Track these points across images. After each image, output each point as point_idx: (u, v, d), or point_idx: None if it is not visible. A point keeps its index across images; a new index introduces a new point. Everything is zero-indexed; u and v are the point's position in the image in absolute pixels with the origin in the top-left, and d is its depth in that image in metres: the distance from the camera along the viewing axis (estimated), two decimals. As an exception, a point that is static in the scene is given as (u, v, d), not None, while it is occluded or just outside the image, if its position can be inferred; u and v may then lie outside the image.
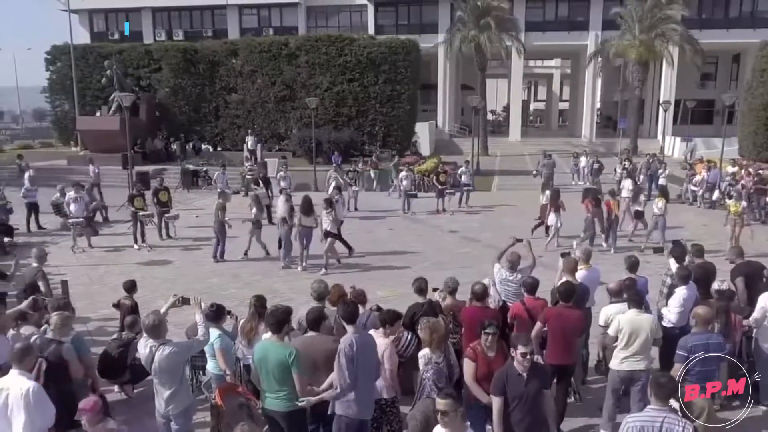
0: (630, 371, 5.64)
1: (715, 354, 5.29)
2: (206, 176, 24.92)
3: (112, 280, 11.31)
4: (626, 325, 5.59)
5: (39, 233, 15.88)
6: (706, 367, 5.25)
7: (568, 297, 5.62)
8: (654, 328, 5.65)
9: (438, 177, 18.98)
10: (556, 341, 5.55)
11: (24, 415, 4.23)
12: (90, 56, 30.66)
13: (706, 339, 5.36)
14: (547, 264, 9.76)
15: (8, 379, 4.36)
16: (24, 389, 4.24)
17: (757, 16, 40.95)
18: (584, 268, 6.73)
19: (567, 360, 5.67)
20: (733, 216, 12.76)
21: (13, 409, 4.26)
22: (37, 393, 4.30)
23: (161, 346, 4.62)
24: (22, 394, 4.24)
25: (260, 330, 5.82)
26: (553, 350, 5.59)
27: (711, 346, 5.31)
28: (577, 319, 5.69)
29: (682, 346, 5.37)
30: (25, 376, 4.36)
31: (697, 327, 5.46)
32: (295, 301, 9.10)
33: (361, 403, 4.77)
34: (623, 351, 5.62)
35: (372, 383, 4.97)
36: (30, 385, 4.28)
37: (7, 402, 4.27)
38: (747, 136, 27.95)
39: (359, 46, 28.06)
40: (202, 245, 14.48)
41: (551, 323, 5.54)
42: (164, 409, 4.76)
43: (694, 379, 5.13)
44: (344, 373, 4.57)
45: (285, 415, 4.87)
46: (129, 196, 14.52)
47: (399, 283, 10.89)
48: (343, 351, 4.60)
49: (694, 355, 5.22)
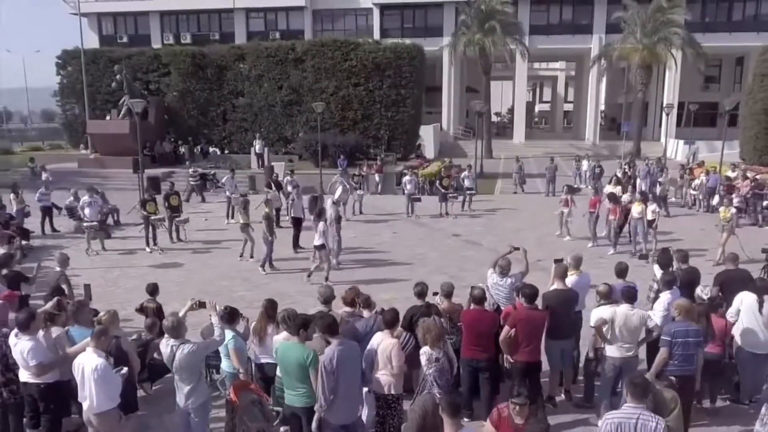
0: (622, 358, 6.13)
1: (694, 340, 5.81)
2: (214, 179, 25.39)
3: (127, 283, 11.79)
4: (619, 317, 6.07)
5: (53, 236, 16.37)
6: (687, 351, 5.81)
7: (532, 299, 6.10)
8: (642, 323, 6.10)
9: (441, 181, 19.37)
10: (525, 341, 6.02)
11: (95, 386, 5.02)
12: (100, 61, 31.20)
13: (686, 327, 5.85)
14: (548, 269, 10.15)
15: (85, 356, 5.12)
16: (94, 365, 5.00)
17: (761, 19, 41.12)
18: (575, 274, 7.13)
19: (535, 358, 6.18)
20: (722, 221, 13.12)
21: (87, 380, 5.05)
22: (105, 369, 5.05)
23: (181, 346, 5.06)
24: (92, 368, 4.99)
25: (269, 331, 6.24)
26: (522, 350, 6.06)
27: (690, 333, 5.84)
28: (542, 319, 6.19)
29: (666, 332, 5.92)
30: (98, 354, 5.09)
31: (679, 317, 5.92)
32: (302, 303, 9.53)
33: (344, 410, 5.17)
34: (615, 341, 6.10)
35: (356, 390, 5.35)
36: (99, 362, 5.02)
37: (83, 374, 5.06)
38: (748, 140, 28.22)
39: (365, 51, 28.48)
40: (212, 248, 14.96)
41: (520, 326, 5.97)
42: (184, 403, 5.20)
43: (676, 361, 5.78)
44: (324, 386, 4.95)
45: (304, 411, 5.32)
46: (141, 201, 14.98)
47: (403, 285, 11.31)
48: (323, 365, 4.97)
49: (676, 340, 5.78)
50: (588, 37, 42.88)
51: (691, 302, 6.14)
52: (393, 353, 5.33)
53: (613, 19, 39.24)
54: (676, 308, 5.98)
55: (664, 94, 42.91)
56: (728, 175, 19.62)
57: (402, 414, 5.65)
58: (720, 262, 12.85)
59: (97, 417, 5.00)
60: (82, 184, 25.19)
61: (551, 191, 22.58)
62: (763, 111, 26.81)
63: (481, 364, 6.26)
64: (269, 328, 6.25)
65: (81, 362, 5.04)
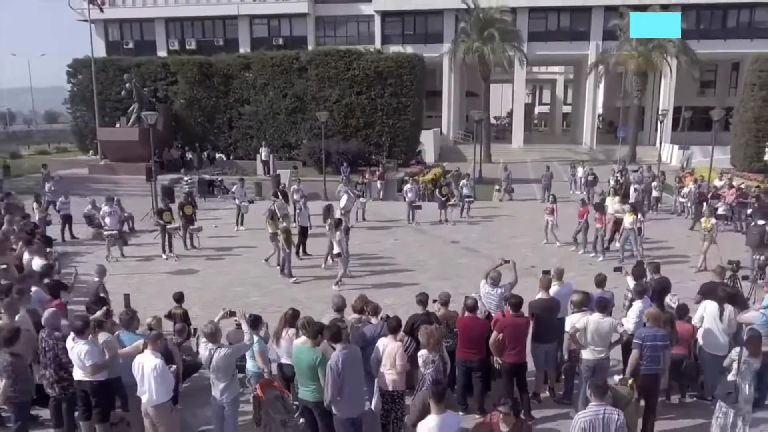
0: (595, 360, 7.02)
1: (659, 344, 6.71)
2: (221, 185, 26.30)
3: (148, 289, 12.65)
4: (592, 324, 6.96)
5: (72, 243, 17.24)
6: (654, 353, 6.71)
7: (518, 308, 7.00)
8: (612, 329, 6.99)
9: (441, 189, 20.26)
10: (511, 345, 6.90)
11: (154, 382, 5.93)
12: (110, 69, 32.11)
13: (654, 332, 6.75)
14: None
15: (144, 356, 6.05)
16: (153, 364, 5.95)
17: (755, 26, 41.99)
18: (557, 284, 8.02)
19: (520, 359, 7.05)
20: (703, 231, 14.00)
21: (147, 377, 5.97)
22: (162, 367, 6.00)
23: (218, 349, 5.95)
24: (152, 367, 5.93)
25: (287, 335, 7.11)
26: (509, 352, 6.94)
27: (658, 337, 6.74)
28: (526, 325, 7.09)
29: (637, 336, 6.85)
30: (155, 354, 6.02)
31: (649, 323, 6.82)
32: (312, 309, 10.39)
33: (350, 405, 6.01)
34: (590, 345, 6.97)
35: (359, 388, 6.21)
36: (158, 362, 5.97)
37: (143, 372, 6.00)
38: (739, 147, 29.11)
39: (367, 61, 29.37)
40: (224, 255, 15.85)
41: (507, 331, 6.85)
42: (219, 397, 6.09)
43: (645, 361, 6.67)
44: (330, 385, 5.80)
45: (314, 405, 6.22)
46: (158, 210, 15.86)
47: (404, 291, 12.22)
48: (330, 367, 5.82)
49: (645, 343, 6.69)
50: (585, 43, 43.75)
51: (659, 311, 7.03)
52: (397, 356, 6.21)
53: (610, 26, 40.13)
54: (646, 316, 6.88)
55: (660, 99, 43.80)
56: (715, 184, 20.44)
57: (404, 407, 6.54)
58: (701, 268, 13.77)
59: (155, 408, 5.91)
60: (93, 191, 26.19)
61: (547, 198, 23.42)
62: (753, 119, 27.68)
63: (474, 365, 7.16)
64: (285, 333, 7.13)
65: (141, 362, 5.96)
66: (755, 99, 27.64)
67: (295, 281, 13.15)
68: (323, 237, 15.60)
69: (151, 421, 6.00)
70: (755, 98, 27.65)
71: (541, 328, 7.48)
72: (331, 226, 13.05)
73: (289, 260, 13.34)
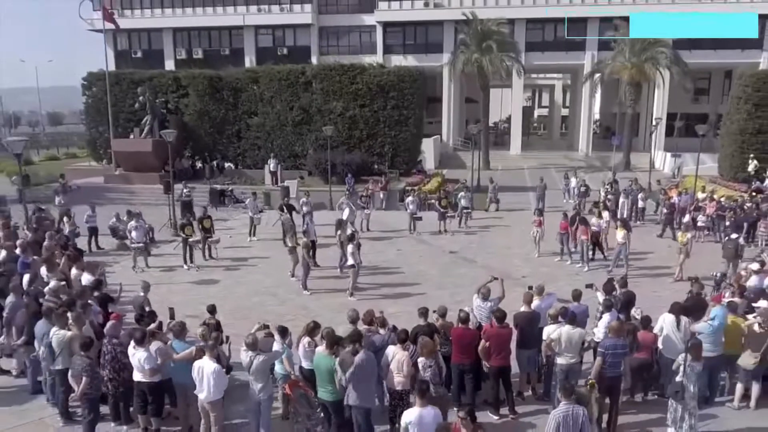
0: (568, 364, 8.33)
1: (620, 352, 8.02)
2: (232, 195, 27.64)
3: (175, 298, 13.89)
4: (564, 335, 8.27)
5: (98, 253, 18.57)
6: (615, 360, 7.99)
7: (502, 320, 8.34)
8: (581, 338, 8.32)
9: (440, 202, 21.61)
10: (496, 351, 8.23)
11: (212, 383, 7.29)
12: (123, 82, 33.45)
13: (615, 342, 8.05)
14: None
15: (203, 362, 7.38)
16: (212, 368, 7.30)
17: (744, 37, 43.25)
18: (538, 299, 9.35)
19: (505, 363, 8.39)
20: (680, 244, 15.32)
21: (206, 379, 7.31)
22: (219, 371, 7.36)
23: (257, 356, 7.29)
24: (211, 371, 7.26)
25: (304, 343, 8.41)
26: (495, 357, 8.27)
27: (618, 346, 8.04)
28: (509, 335, 8.42)
29: (601, 346, 8.18)
30: (213, 360, 7.35)
31: (611, 334, 8.13)
32: (323, 317, 11.70)
33: (363, 397, 7.36)
34: (563, 352, 8.28)
35: (371, 385, 7.55)
36: (216, 366, 7.33)
37: (203, 375, 7.32)
38: (725, 157, 30.39)
39: (370, 75, 30.69)
40: (240, 266, 17.20)
41: (492, 340, 8.18)
42: (257, 395, 7.42)
43: (608, 366, 7.96)
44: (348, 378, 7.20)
45: (331, 403, 7.56)
46: (180, 225, 17.20)
47: (408, 300, 13.58)
48: (354, 365, 7.19)
49: (608, 352, 7.99)
50: (581, 53, 45.19)
51: (620, 323, 8.33)
52: (404, 362, 7.55)
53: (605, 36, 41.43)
54: (608, 329, 8.22)
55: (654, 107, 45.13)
56: (698, 196, 21.74)
57: (409, 404, 7.86)
58: (678, 279, 15.09)
59: (211, 404, 7.28)
60: (109, 200, 27.58)
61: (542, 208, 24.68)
62: (738, 131, 28.96)
63: (466, 368, 8.48)
64: (303, 341, 8.45)
65: (201, 366, 7.29)
66: (740, 112, 28.91)
67: (309, 293, 14.41)
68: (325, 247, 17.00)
69: (206, 413, 7.34)
70: (740, 111, 28.92)
71: (524, 336, 8.82)
72: (344, 240, 14.36)
73: (306, 274, 14.56)
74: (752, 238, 18.97)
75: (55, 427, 8.41)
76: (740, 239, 17.09)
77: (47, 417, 8.67)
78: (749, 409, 8.84)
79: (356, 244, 14.41)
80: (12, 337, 9.37)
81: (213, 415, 7.41)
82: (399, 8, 45.88)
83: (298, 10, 47.52)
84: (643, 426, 8.55)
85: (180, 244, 17.48)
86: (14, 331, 9.22)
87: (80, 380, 7.40)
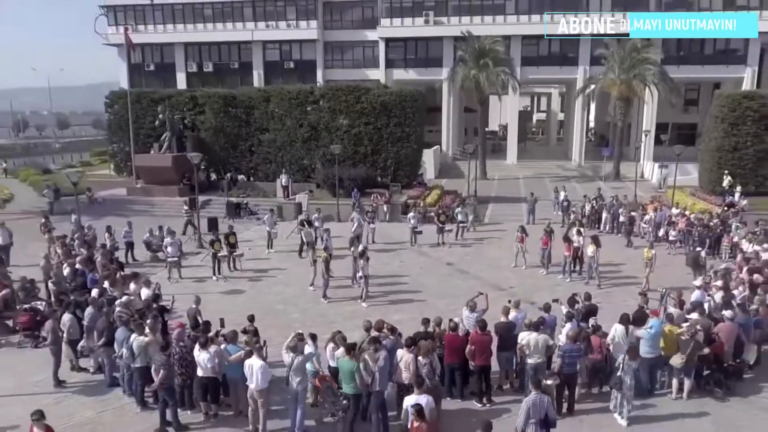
0: (536, 364, 10.58)
1: (575, 354, 10.28)
2: (247, 207, 29.95)
3: (210, 307, 15.99)
4: (532, 341, 10.56)
5: (134, 265, 20.83)
6: (572, 360, 10.26)
7: (484, 328, 10.62)
8: (545, 343, 10.59)
9: (439, 217, 23.92)
10: (479, 353, 10.48)
11: (260, 376, 9.42)
12: (143, 101, 35.85)
13: (571, 347, 10.33)
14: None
15: (253, 360, 9.53)
16: (260, 365, 9.46)
17: (729, 53, 45.65)
18: (514, 311, 11.62)
19: (486, 362, 10.65)
20: (645, 260, 17.58)
21: (255, 373, 9.43)
22: (265, 367, 9.51)
23: (297, 357, 9.57)
24: (259, 366, 9.42)
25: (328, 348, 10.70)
26: (478, 358, 10.51)
27: (573, 350, 10.31)
28: (490, 340, 10.68)
29: (560, 350, 10.46)
30: (261, 359, 9.51)
31: (568, 341, 10.42)
32: (338, 323, 13.98)
33: (381, 384, 9.63)
34: (532, 354, 10.56)
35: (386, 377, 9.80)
36: (262, 363, 9.49)
37: (252, 370, 9.46)
38: (704, 171, 32.66)
39: (374, 95, 33.01)
40: (262, 276, 19.50)
41: (476, 345, 10.46)
42: (295, 387, 9.68)
43: (566, 366, 10.20)
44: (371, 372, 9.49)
45: (352, 395, 9.83)
46: (210, 241, 19.52)
47: (411, 308, 15.86)
48: (377, 363, 9.49)
49: (565, 354, 10.24)
50: (574, 68, 47.45)
51: (576, 331, 10.62)
52: (410, 362, 9.82)
53: (596, 53, 43.66)
54: (566, 336, 10.51)
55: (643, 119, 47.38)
56: (671, 213, 23.98)
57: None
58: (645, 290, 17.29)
59: (259, 392, 9.53)
60: (133, 211, 29.92)
61: (531, 221, 26.97)
62: (716, 148, 31.22)
63: (456, 366, 10.77)
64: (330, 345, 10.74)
65: (251, 363, 9.54)
66: (718, 130, 31.17)
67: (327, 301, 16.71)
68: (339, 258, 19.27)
69: (255, 399, 9.63)
70: (718, 129, 31.18)
71: (502, 341, 11.10)
72: (357, 255, 16.66)
73: (326, 285, 16.81)
74: (717, 251, 21.25)
75: (135, 412, 10.71)
76: (702, 252, 19.42)
77: (126, 404, 10.98)
78: (682, 400, 11.10)
79: (366, 258, 16.71)
80: (92, 341, 11.67)
81: (260, 401, 9.69)
82: (400, 25, 48.18)
83: (304, 26, 49.93)
84: (599, 411, 10.82)
85: (207, 255, 19.89)
86: (95, 335, 11.50)
87: (159, 373, 9.69)
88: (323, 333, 11.38)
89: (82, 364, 12.29)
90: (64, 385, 11.58)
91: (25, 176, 44.30)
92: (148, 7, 51.95)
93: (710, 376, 11.29)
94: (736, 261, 17.65)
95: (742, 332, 11.57)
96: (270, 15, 50.36)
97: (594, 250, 18.13)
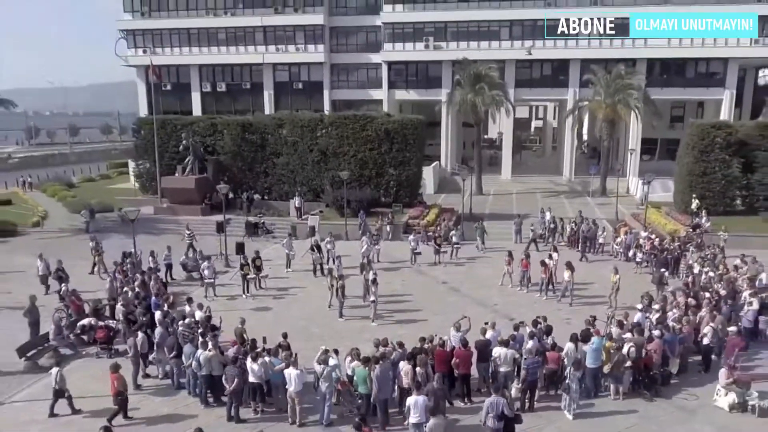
0: (505, 372, 13.90)
1: (535, 365, 13.59)
2: (264, 227, 33.31)
3: (248, 324, 19.20)
4: (502, 354, 13.89)
5: (172, 284, 24.13)
6: (533, 370, 13.57)
7: (466, 345, 13.92)
8: (512, 356, 13.91)
9: (435, 240, 27.27)
10: (462, 364, 13.78)
11: (297, 381, 12.77)
12: (168, 126, 39.32)
13: (533, 359, 13.65)
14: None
15: (290, 370, 12.84)
16: (296, 373, 12.81)
17: (708, 77, 49.03)
18: (491, 331, 14.95)
19: (467, 371, 13.93)
20: (611, 283, 20.84)
21: (294, 379, 12.78)
22: (300, 374, 12.85)
23: (326, 368, 12.92)
24: (297, 374, 12.80)
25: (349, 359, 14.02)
26: (461, 368, 13.79)
27: (534, 363, 13.62)
28: (470, 355, 13.94)
29: (524, 363, 13.76)
30: (297, 369, 12.86)
31: (530, 355, 13.75)
32: (350, 338, 17.23)
33: (382, 392, 12.90)
34: (502, 365, 13.88)
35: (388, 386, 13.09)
36: (299, 371, 12.85)
37: (291, 377, 12.81)
38: (678, 192, 35.97)
39: (378, 123, 36.40)
40: (284, 295, 22.84)
41: (460, 358, 13.77)
42: (324, 390, 13.01)
43: (529, 375, 13.48)
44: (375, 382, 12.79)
45: (365, 395, 13.16)
46: (240, 265, 22.92)
47: (412, 324, 19.13)
48: (376, 373, 12.79)
49: (527, 365, 13.54)
50: (564, 90, 50.80)
51: (536, 346, 13.97)
52: (409, 371, 13.14)
53: (586, 76, 46.98)
54: (527, 351, 13.87)
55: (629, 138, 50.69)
56: (640, 237, 27.21)
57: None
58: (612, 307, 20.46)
59: (296, 393, 12.88)
60: (160, 230, 33.34)
61: (518, 240, 30.30)
62: (687, 173, 34.48)
63: (444, 374, 14.10)
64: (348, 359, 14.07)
65: (290, 372, 12.86)
66: (689, 156, 34.44)
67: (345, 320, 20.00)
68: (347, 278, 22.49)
69: (293, 399, 12.98)
70: (689, 155, 34.45)
71: (481, 355, 14.42)
72: (368, 279, 19.99)
73: (341, 305, 20.12)
74: (676, 271, 24.54)
75: (199, 408, 14.07)
76: (665, 272, 22.73)
77: (191, 403, 14.34)
78: (619, 400, 14.41)
79: (374, 281, 20.04)
80: (162, 353, 15.03)
81: (297, 400, 13.04)
82: (402, 49, 51.63)
83: (312, 49, 53.42)
84: (553, 409, 14.13)
85: (235, 274, 23.35)
86: (165, 350, 14.85)
87: (232, 382, 13.05)
88: (341, 346, 14.68)
89: (150, 371, 15.66)
90: (141, 389, 14.93)
91: (53, 192, 47.67)
92: (166, 31, 55.36)
93: (641, 382, 14.60)
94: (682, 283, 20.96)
95: (668, 348, 14.88)
96: (280, 39, 53.83)
97: (570, 275, 21.42)
